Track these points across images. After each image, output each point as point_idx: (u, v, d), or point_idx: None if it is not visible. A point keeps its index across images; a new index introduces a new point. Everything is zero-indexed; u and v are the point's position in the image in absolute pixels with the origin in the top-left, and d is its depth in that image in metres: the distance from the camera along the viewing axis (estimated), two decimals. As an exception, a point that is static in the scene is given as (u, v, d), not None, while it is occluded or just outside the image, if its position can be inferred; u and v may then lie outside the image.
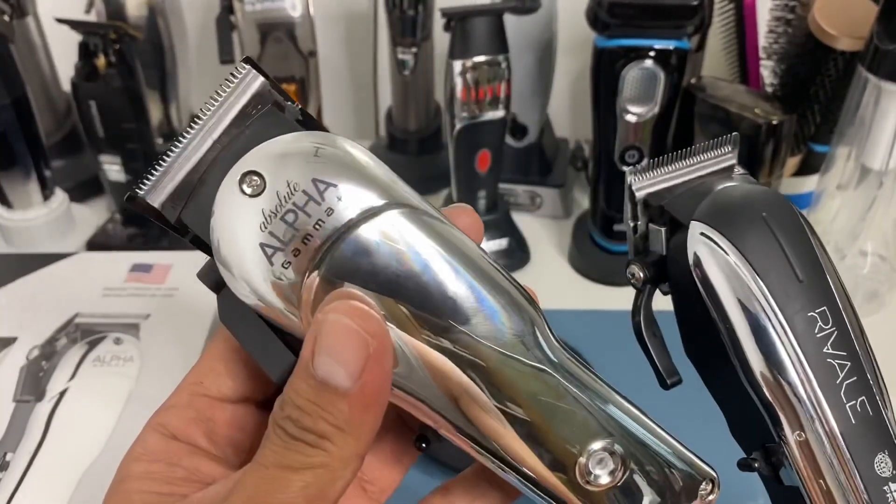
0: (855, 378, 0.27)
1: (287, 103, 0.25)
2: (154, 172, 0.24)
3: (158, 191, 0.24)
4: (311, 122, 0.25)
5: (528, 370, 0.24)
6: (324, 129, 0.25)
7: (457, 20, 0.57)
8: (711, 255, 0.28)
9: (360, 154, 0.24)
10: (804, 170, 0.68)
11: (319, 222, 0.23)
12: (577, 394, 0.25)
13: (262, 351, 0.24)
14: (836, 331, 0.27)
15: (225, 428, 0.26)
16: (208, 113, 0.24)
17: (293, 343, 0.24)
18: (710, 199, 0.29)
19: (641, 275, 0.31)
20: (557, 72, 0.73)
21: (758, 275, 0.27)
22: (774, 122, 0.54)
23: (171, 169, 0.24)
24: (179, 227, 0.24)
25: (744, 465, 0.31)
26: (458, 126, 0.59)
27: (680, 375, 0.31)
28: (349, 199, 0.23)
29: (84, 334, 0.52)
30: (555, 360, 0.25)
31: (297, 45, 0.61)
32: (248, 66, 0.25)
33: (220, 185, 0.23)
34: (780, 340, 0.27)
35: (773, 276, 0.27)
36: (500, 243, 0.64)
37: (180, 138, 0.24)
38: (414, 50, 0.68)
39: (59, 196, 0.67)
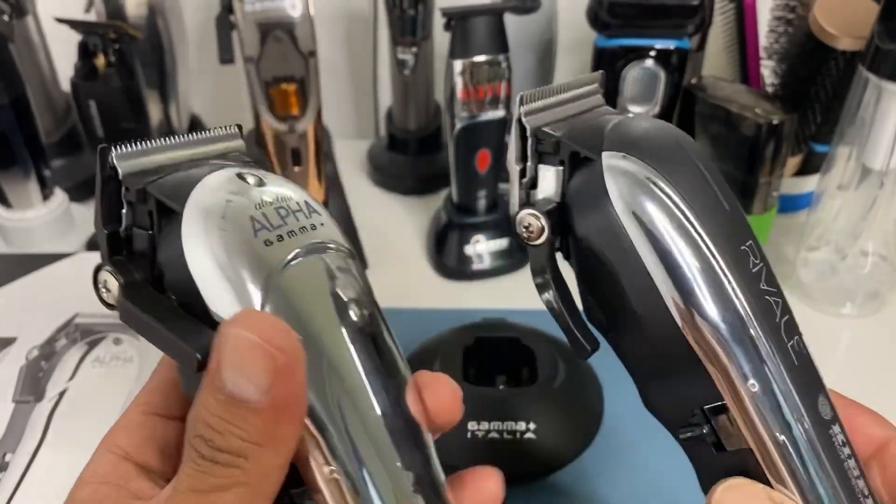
0: (788, 317, 0.25)
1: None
2: (138, 145, 0.24)
3: (131, 161, 0.24)
4: None
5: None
6: None
7: (457, 20, 0.57)
8: (638, 186, 0.24)
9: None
10: (805, 170, 0.68)
11: (304, 228, 0.24)
12: None
13: (179, 335, 0.23)
14: (763, 265, 0.25)
15: (178, 447, 0.25)
16: (217, 132, 0.26)
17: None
18: (617, 130, 0.25)
19: (541, 224, 0.26)
20: (558, 71, 0.73)
21: (691, 206, 0.24)
22: (775, 122, 0.54)
23: (155, 151, 0.25)
24: (137, 197, 0.24)
25: (688, 438, 0.26)
26: (458, 126, 0.59)
27: (598, 341, 0.27)
28: (327, 230, 0.24)
29: (83, 334, 0.52)
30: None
31: (297, 44, 0.61)
32: (237, 129, 0.27)
33: (205, 175, 0.24)
34: (725, 279, 0.24)
35: (705, 207, 0.24)
36: (501, 243, 0.64)
37: (179, 135, 0.25)
38: (414, 49, 0.68)
39: (59, 196, 0.67)
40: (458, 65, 0.57)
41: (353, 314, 0.23)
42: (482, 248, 0.64)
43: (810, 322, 0.60)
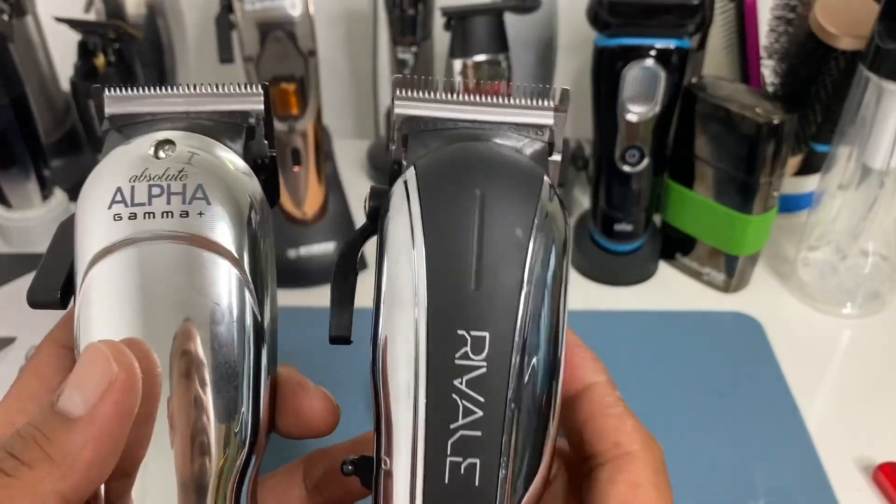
0: (479, 434, 0.21)
1: (263, 140, 0.26)
2: (130, 91, 0.25)
3: (119, 105, 0.25)
4: (269, 174, 0.26)
5: None
6: (275, 194, 0.26)
7: (457, 19, 0.57)
8: (398, 213, 0.23)
9: (248, 216, 0.24)
10: (805, 169, 0.68)
11: (167, 214, 0.23)
12: None
13: (47, 263, 0.24)
14: (485, 369, 0.21)
15: None
16: (210, 90, 0.26)
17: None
18: (447, 148, 0.24)
19: (369, 205, 0.25)
20: (558, 71, 0.73)
21: (426, 257, 0.21)
22: (775, 122, 0.54)
23: (142, 101, 0.25)
24: (102, 132, 0.25)
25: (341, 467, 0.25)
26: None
27: (349, 335, 0.25)
28: (206, 222, 0.23)
29: (83, 334, 0.52)
30: None
31: (297, 44, 0.61)
32: (262, 91, 0.26)
33: (152, 131, 0.24)
34: (410, 342, 0.21)
35: (444, 266, 0.22)
36: (501, 243, 0.64)
37: (169, 89, 0.25)
38: (414, 49, 0.67)
39: (59, 196, 0.67)
40: (457, 64, 0.57)
41: (151, 320, 0.22)
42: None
43: (810, 322, 0.60)
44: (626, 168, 0.59)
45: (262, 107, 0.26)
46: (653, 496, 0.24)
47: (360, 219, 0.67)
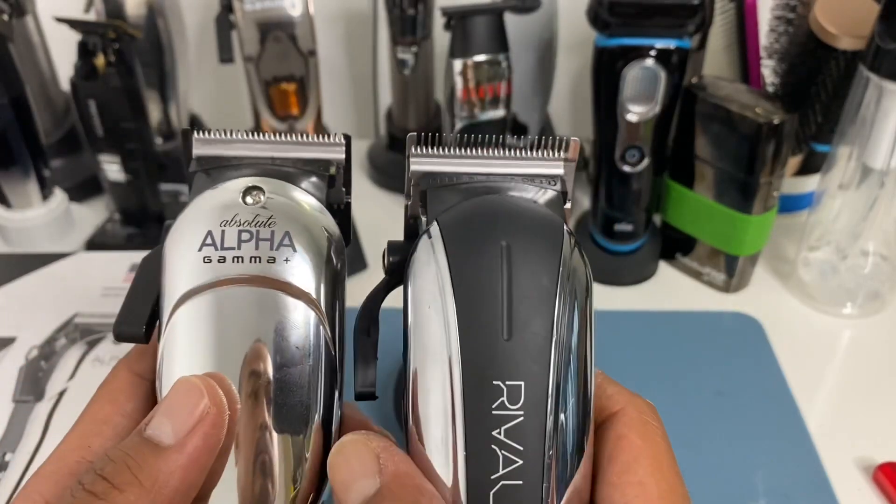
0: (520, 483, 0.21)
1: (341, 188, 0.27)
2: (218, 135, 0.26)
3: (207, 147, 0.26)
4: (343, 218, 0.27)
5: None
6: (348, 237, 0.27)
7: (457, 19, 0.57)
8: (425, 268, 0.23)
9: (327, 261, 0.25)
10: (805, 169, 0.68)
11: (255, 259, 0.24)
12: None
13: (133, 297, 0.25)
14: (523, 418, 0.21)
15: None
16: (294, 139, 0.27)
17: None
18: (469, 202, 0.24)
19: (385, 261, 0.26)
20: (558, 71, 0.73)
21: (457, 309, 0.22)
22: (776, 122, 0.54)
23: (229, 146, 0.26)
24: (189, 173, 0.27)
25: None
26: (459, 125, 0.59)
27: (374, 390, 0.25)
28: (291, 268, 0.24)
29: (83, 334, 0.52)
30: None
31: (297, 44, 0.61)
32: (345, 141, 0.27)
33: (238, 177, 0.25)
34: (444, 396, 0.21)
35: (476, 318, 0.22)
36: (501, 243, 0.64)
37: (255, 135, 0.27)
38: (414, 49, 0.67)
39: (58, 196, 0.67)
40: (458, 64, 0.57)
41: (234, 361, 0.23)
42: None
43: (811, 322, 0.60)
44: (626, 168, 0.59)
45: (343, 156, 0.27)
46: (637, 444, 0.24)
47: (360, 218, 0.67)
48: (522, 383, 0.21)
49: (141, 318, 0.25)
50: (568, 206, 0.26)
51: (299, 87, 0.63)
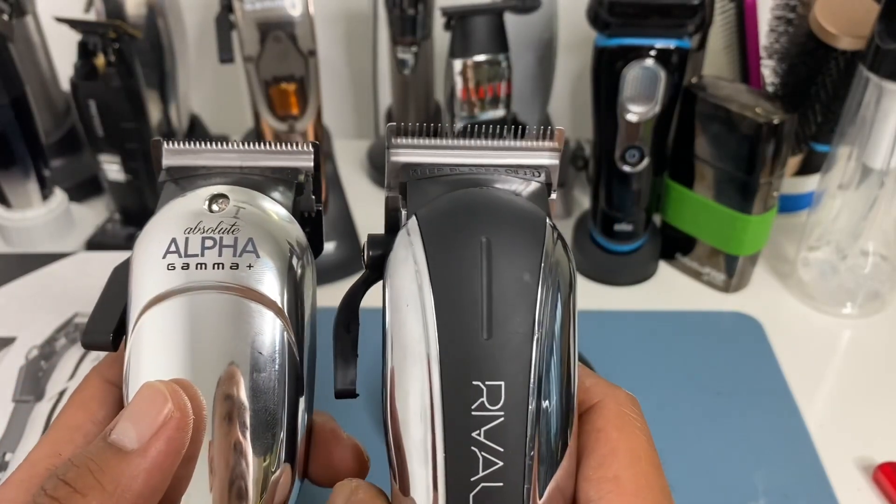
0: (500, 485, 0.21)
1: (311, 196, 0.27)
2: (187, 145, 0.26)
3: (176, 157, 0.27)
4: (314, 225, 0.27)
5: None
6: (319, 245, 0.27)
7: (457, 19, 0.57)
8: (403, 264, 0.22)
9: (290, 268, 0.25)
10: (805, 169, 0.68)
11: (218, 265, 0.24)
12: None
13: (101, 305, 0.26)
14: (503, 419, 0.21)
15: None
16: (262, 147, 0.27)
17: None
18: (448, 196, 0.23)
19: (369, 254, 0.25)
20: (558, 71, 0.73)
21: (435, 308, 0.21)
22: (775, 122, 0.54)
23: (198, 155, 0.26)
24: (158, 183, 0.27)
25: None
26: (459, 125, 0.59)
27: (355, 388, 0.25)
28: (254, 274, 0.24)
29: (83, 334, 0.52)
30: None
31: (297, 44, 0.61)
32: (313, 149, 0.28)
33: (208, 184, 0.26)
34: (423, 396, 0.21)
35: (455, 317, 0.21)
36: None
37: (224, 144, 0.27)
38: (414, 49, 0.67)
39: (59, 196, 0.67)
40: (458, 64, 0.57)
41: (198, 366, 0.23)
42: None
43: (811, 322, 0.60)
44: (626, 168, 0.59)
45: (311, 164, 0.27)
46: (613, 437, 0.23)
47: (360, 218, 0.67)
48: (503, 383, 0.21)
49: (108, 327, 0.25)
50: (553, 196, 0.25)
51: (299, 87, 0.63)
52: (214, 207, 0.25)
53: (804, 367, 0.56)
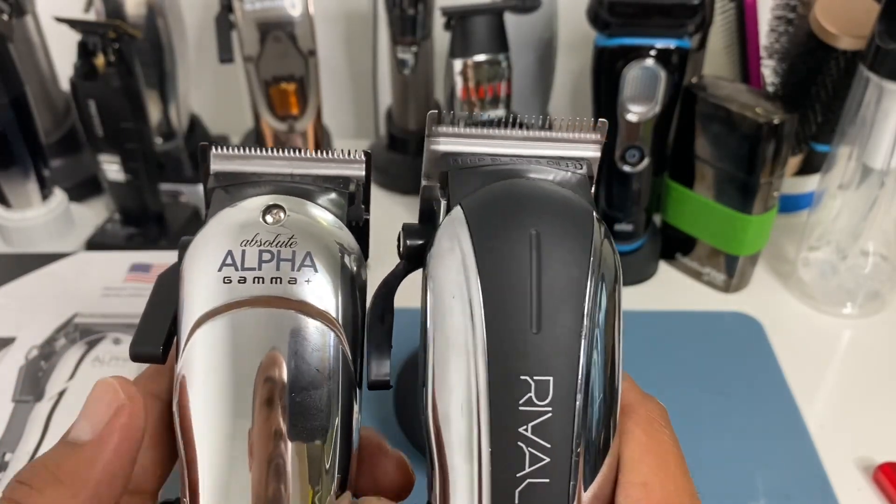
0: (546, 482, 0.20)
1: (360, 205, 0.27)
2: (236, 150, 0.26)
3: (225, 163, 0.26)
4: (362, 234, 0.27)
5: None
6: (366, 253, 0.27)
7: (457, 19, 0.57)
8: (448, 255, 0.22)
9: (348, 281, 0.24)
10: (805, 169, 0.68)
11: (276, 280, 0.23)
12: None
13: (150, 315, 0.25)
14: (551, 414, 0.20)
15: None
16: (313, 155, 0.26)
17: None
18: (495, 186, 0.23)
19: (401, 245, 0.25)
20: (558, 71, 0.73)
21: (483, 300, 0.21)
22: (776, 122, 0.54)
23: (248, 161, 0.26)
24: (207, 189, 0.26)
25: None
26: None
27: (389, 380, 0.25)
28: (313, 289, 0.23)
29: (83, 334, 0.52)
30: None
31: (297, 44, 0.61)
32: (364, 158, 0.27)
33: (258, 194, 0.25)
34: (468, 389, 0.21)
35: (503, 310, 0.21)
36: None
37: (275, 151, 0.26)
38: (414, 49, 0.67)
39: (58, 196, 0.67)
40: (458, 64, 0.57)
41: (251, 387, 0.23)
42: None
43: (811, 322, 0.60)
44: (626, 168, 0.59)
45: (363, 173, 0.27)
46: (642, 441, 0.23)
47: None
48: (551, 378, 0.21)
49: (158, 338, 0.24)
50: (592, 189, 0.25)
51: (299, 87, 0.63)
52: (269, 219, 0.24)
53: (804, 367, 0.56)
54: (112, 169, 0.63)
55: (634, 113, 0.56)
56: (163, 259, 0.58)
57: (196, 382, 0.23)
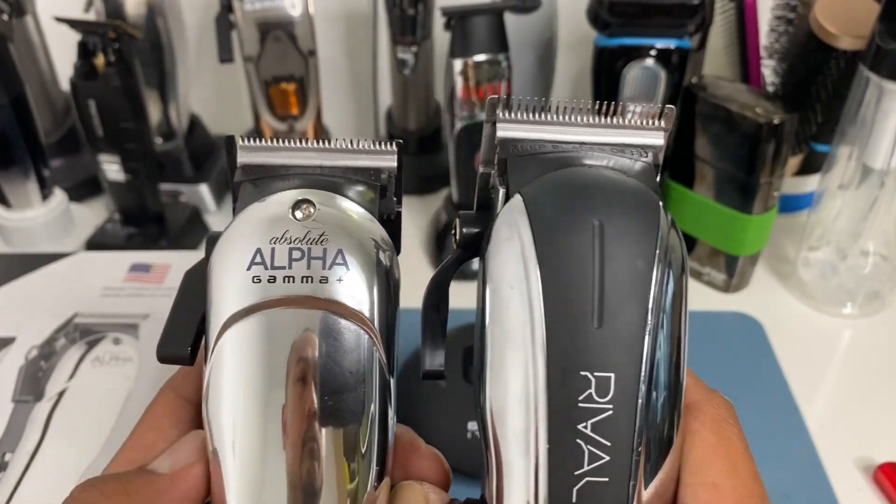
0: (605, 481, 0.20)
1: (392, 198, 0.26)
2: (262, 141, 0.25)
3: (252, 155, 0.25)
4: (394, 227, 0.26)
5: None
6: (398, 247, 0.26)
7: (457, 19, 0.57)
8: (507, 244, 0.21)
9: (381, 278, 0.24)
10: (806, 169, 0.68)
11: (307, 279, 0.23)
12: None
13: (177, 315, 0.24)
14: (611, 412, 0.20)
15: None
16: (343, 146, 0.25)
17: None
18: (556, 174, 0.22)
19: (457, 233, 0.24)
20: (558, 71, 0.73)
21: (543, 292, 0.20)
22: (776, 122, 0.54)
23: (275, 153, 0.25)
24: (234, 182, 0.25)
25: None
26: (459, 125, 0.59)
27: (443, 370, 0.25)
28: (345, 288, 0.23)
29: (83, 334, 0.52)
30: None
31: (297, 44, 0.61)
32: (396, 149, 0.26)
33: (286, 188, 0.24)
34: (526, 384, 0.20)
35: (564, 303, 0.20)
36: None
37: (303, 142, 0.25)
38: (414, 49, 0.67)
39: (58, 196, 0.67)
40: (457, 64, 0.57)
41: (282, 390, 0.22)
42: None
43: (811, 322, 0.60)
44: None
45: (395, 164, 0.26)
46: (710, 442, 0.22)
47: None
48: (612, 375, 0.20)
49: (186, 339, 0.24)
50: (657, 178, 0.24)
51: (299, 87, 0.63)
52: (298, 214, 0.23)
53: (804, 367, 0.56)
54: (112, 169, 0.63)
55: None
56: (163, 259, 0.58)
57: (225, 385, 0.22)
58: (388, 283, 0.24)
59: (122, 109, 0.60)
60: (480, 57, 0.57)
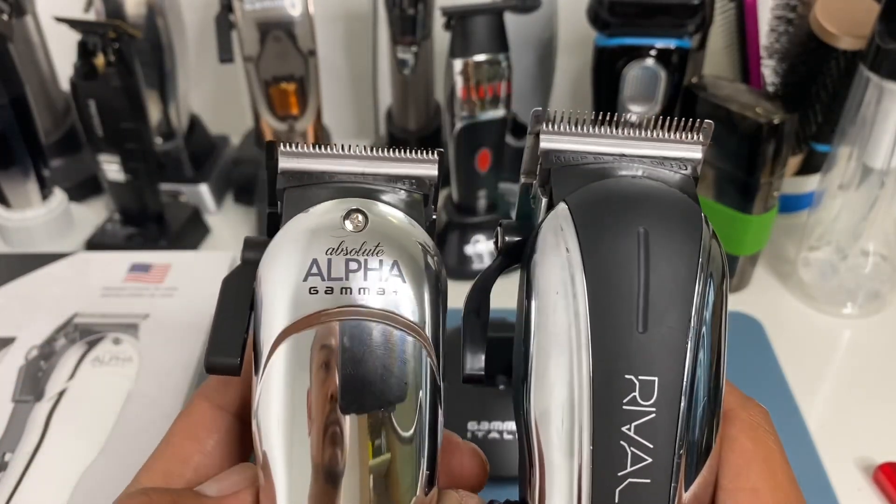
0: (648, 482, 0.20)
1: (431, 205, 0.26)
2: (304, 149, 0.25)
3: (293, 161, 0.25)
4: (430, 233, 0.26)
5: None
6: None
7: (457, 19, 0.57)
8: (553, 251, 0.22)
9: (433, 287, 0.24)
10: (806, 169, 0.68)
11: (364, 290, 0.23)
12: None
13: (223, 324, 0.24)
14: (655, 415, 0.20)
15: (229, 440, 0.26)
16: (385, 154, 0.25)
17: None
18: (601, 183, 0.23)
19: (499, 240, 0.25)
20: (558, 71, 0.73)
21: (589, 297, 0.21)
22: (776, 122, 0.54)
23: (316, 160, 0.25)
24: (274, 194, 0.25)
25: None
26: (459, 125, 0.59)
27: (483, 374, 0.25)
28: (401, 300, 0.23)
29: (83, 334, 0.52)
30: None
31: (297, 44, 0.61)
32: (437, 157, 0.26)
33: (333, 196, 0.24)
34: (570, 387, 0.21)
35: (609, 308, 0.21)
36: (501, 243, 0.64)
37: (345, 149, 0.25)
38: (414, 49, 0.67)
39: (58, 196, 0.67)
40: (458, 64, 0.57)
41: (331, 405, 0.22)
42: (482, 247, 0.63)
43: (811, 322, 0.60)
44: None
45: (436, 172, 0.26)
46: (748, 448, 0.23)
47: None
48: (656, 379, 0.20)
49: (235, 349, 0.23)
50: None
51: (299, 87, 0.63)
52: (349, 225, 0.23)
53: (804, 367, 0.56)
54: (112, 169, 0.63)
55: (634, 113, 0.56)
56: (163, 259, 0.58)
57: (281, 398, 0.22)
58: (437, 290, 0.24)
59: (122, 109, 0.60)
60: (480, 57, 0.57)
